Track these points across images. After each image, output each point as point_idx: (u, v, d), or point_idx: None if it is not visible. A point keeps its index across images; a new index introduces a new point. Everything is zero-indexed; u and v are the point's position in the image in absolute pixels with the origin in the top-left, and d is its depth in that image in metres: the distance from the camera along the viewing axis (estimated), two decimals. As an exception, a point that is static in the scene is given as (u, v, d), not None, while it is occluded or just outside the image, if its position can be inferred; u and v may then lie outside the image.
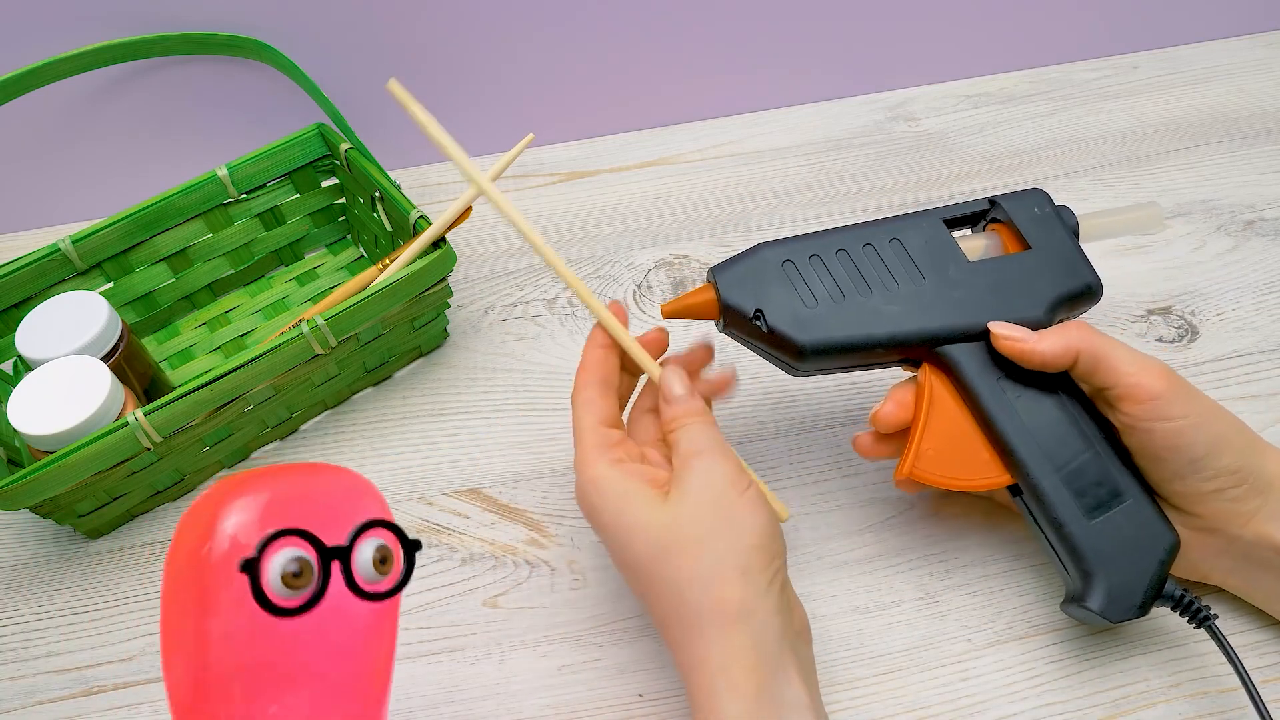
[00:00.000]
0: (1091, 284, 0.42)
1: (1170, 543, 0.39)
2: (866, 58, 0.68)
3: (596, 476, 0.38)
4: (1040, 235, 0.42)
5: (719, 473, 0.37)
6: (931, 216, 0.43)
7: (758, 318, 0.40)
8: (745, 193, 0.64)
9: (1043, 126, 0.67)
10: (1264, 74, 0.69)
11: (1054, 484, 0.39)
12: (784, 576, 0.37)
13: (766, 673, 0.34)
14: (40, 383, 0.44)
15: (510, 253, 0.61)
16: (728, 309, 0.41)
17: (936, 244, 0.42)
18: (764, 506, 0.37)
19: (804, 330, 0.40)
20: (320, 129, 0.57)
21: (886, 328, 0.40)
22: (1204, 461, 0.38)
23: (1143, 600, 0.38)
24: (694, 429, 0.39)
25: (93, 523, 0.48)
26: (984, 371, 0.40)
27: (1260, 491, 0.38)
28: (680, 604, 0.35)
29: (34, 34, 0.55)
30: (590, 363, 0.41)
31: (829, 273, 0.41)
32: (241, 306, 0.59)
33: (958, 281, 0.41)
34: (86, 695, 0.44)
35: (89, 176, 0.63)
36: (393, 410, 0.54)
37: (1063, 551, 0.40)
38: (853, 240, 0.42)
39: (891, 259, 0.41)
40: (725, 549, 0.36)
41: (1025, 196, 0.43)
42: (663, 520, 0.36)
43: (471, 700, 0.43)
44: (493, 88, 0.64)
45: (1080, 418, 0.40)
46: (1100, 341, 0.39)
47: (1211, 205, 0.61)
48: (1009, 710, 0.41)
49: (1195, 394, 0.39)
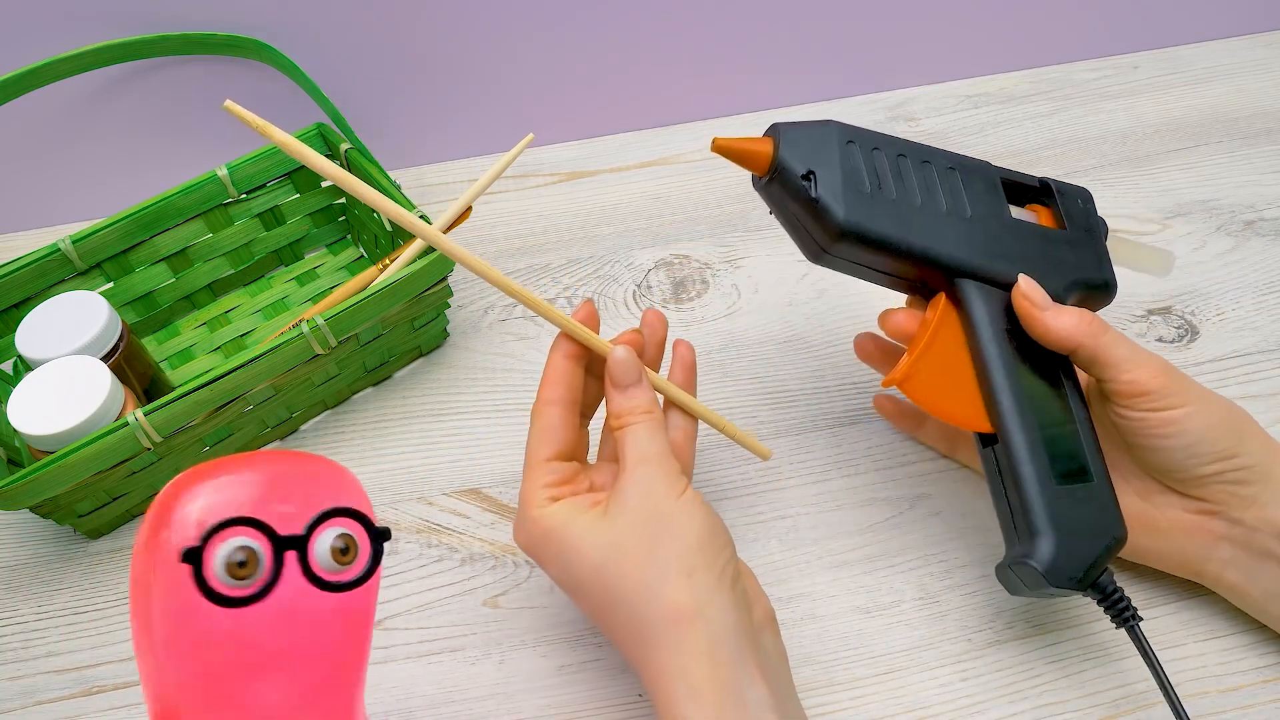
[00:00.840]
0: (1110, 281, 0.43)
1: (1119, 534, 0.39)
2: (866, 58, 0.68)
3: (536, 516, 0.38)
4: (1076, 224, 0.43)
5: (657, 482, 0.37)
6: (990, 169, 0.43)
7: (808, 179, 0.40)
8: (745, 193, 0.64)
9: (1043, 126, 0.67)
10: (1264, 74, 0.69)
11: (1030, 442, 0.39)
12: (734, 571, 0.37)
13: (726, 673, 0.34)
14: (40, 383, 0.44)
15: (510, 253, 0.61)
16: (781, 164, 0.40)
17: (989, 190, 0.42)
18: (700, 508, 0.37)
19: (849, 209, 0.39)
20: (320, 129, 0.56)
21: (926, 240, 0.40)
22: (1197, 447, 0.39)
23: (1082, 575, 0.38)
24: (640, 432, 0.38)
25: (93, 523, 0.48)
26: (995, 320, 0.41)
27: (1260, 477, 0.39)
28: (632, 617, 0.35)
29: (34, 34, 0.55)
30: (554, 376, 0.40)
31: (886, 168, 0.41)
32: (241, 306, 0.59)
33: (998, 228, 0.42)
34: (86, 695, 0.44)
35: (89, 176, 0.63)
36: (393, 410, 0.54)
37: (1019, 509, 0.39)
38: (915, 152, 0.42)
39: (945, 183, 0.42)
40: (667, 555, 0.35)
41: (1075, 190, 0.44)
42: (602, 538, 0.36)
43: (471, 700, 0.43)
44: (493, 88, 0.64)
45: (1068, 394, 0.41)
46: (1105, 339, 0.39)
47: (1211, 205, 0.61)
48: (1009, 710, 0.41)
49: (1191, 385, 0.39)
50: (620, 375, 0.39)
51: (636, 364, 0.39)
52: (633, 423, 0.38)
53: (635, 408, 0.39)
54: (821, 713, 0.41)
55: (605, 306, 0.58)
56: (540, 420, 0.40)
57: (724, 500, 0.48)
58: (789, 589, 0.45)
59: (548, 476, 0.38)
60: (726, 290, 0.58)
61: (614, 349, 0.39)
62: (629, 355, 0.39)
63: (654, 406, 0.39)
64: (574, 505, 0.38)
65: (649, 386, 0.40)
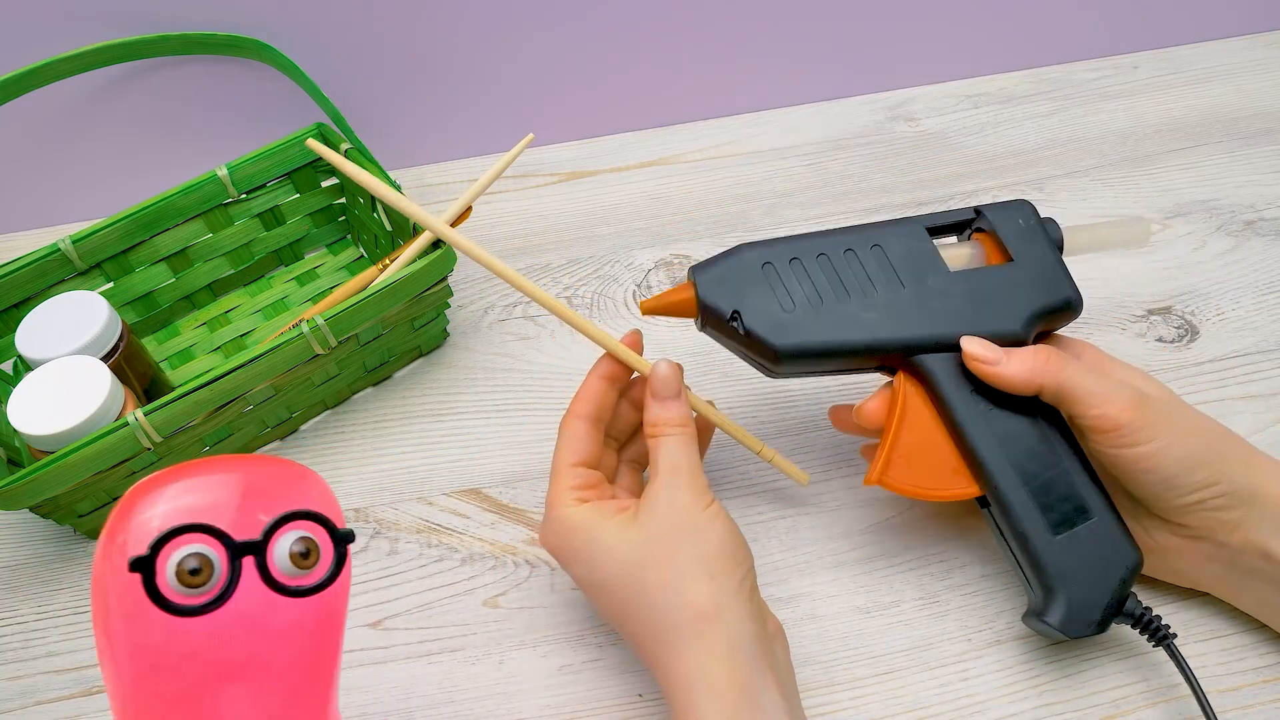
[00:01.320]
0: (1071, 298, 0.41)
1: (1133, 561, 0.39)
2: (866, 58, 0.68)
3: (564, 515, 0.39)
4: (1022, 247, 0.42)
5: (686, 492, 0.38)
6: (915, 224, 0.42)
7: (735, 319, 0.40)
8: (745, 193, 0.64)
9: (1043, 126, 0.67)
10: (1264, 74, 0.69)
11: (1021, 498, 0.39)
12: (752, 583, 0.38)
13: (744, 675, 0.35)
14: (40, 383, 0.44)
15: (510, 253, 0.61)
16: (705, 309, 0.41)
17: (918, 252, 0.42)
18: (725, 519, 0.38)
19: (780, 334, 0.40)
20: (320, 129, 0.56)
21: (863, 334, 0.40)
22: (1175, 480, 0.38)
23: (1101, 617, 0.38)
24: (676, 443, 0.39)
25: (93, 523, 0.48)
26: (958, 383, 0.40)
27: (1243, 501, 0.38)
28: (652, 615, 0.36)
29: (34, 34, 0.55)
30: (587, 394, 0.42)
31: (808, 277, 0.41)
32: (241, 306, 0.59)
33: (937, 291, 0.41)
34: (86, 695, 0.44)
35: (89, 176, 0.63)
36: (393, 410, 0.54)
37: (1026, 565, 0.40)
38: (834, 245, 0.41)
39: (872, 265, 0.41)
40: (690, 558, 0.37)
41: (1010, 208, 0.43)
42: (630, 540, 0.37)
43: (471, 700, 0.43)
44: (493, 88, 0.64)
45: (1051, 434, 0.40)
46: (1066, 374, 0.38)
47: (1211, 205, 0.61)
48: (1009, 710, 0.41)
49: (1164, 416, 0.38)
50: (661, 388, 0.40)
51: (678, 380, 0.41)
52: (668, 434, 0.40)
53: (671, 419, 0.40)
54: (821, 713, 0.41)
55: (605, 306, 0.58)
56: (567, 430, 0.41)
57: (724, 500, 0.48)
58: (789, 589, 0.45)
59: (574, 480, 0.40)
60: (726, 290, 0.58)
61: (658, 364, 0.41)
62: (672, 371, 0.41)
63: (689, 421, 0.40)
64: (601, 508, 0.39)
65: (685, 402, 0.41)
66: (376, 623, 0.45)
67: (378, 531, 0.48)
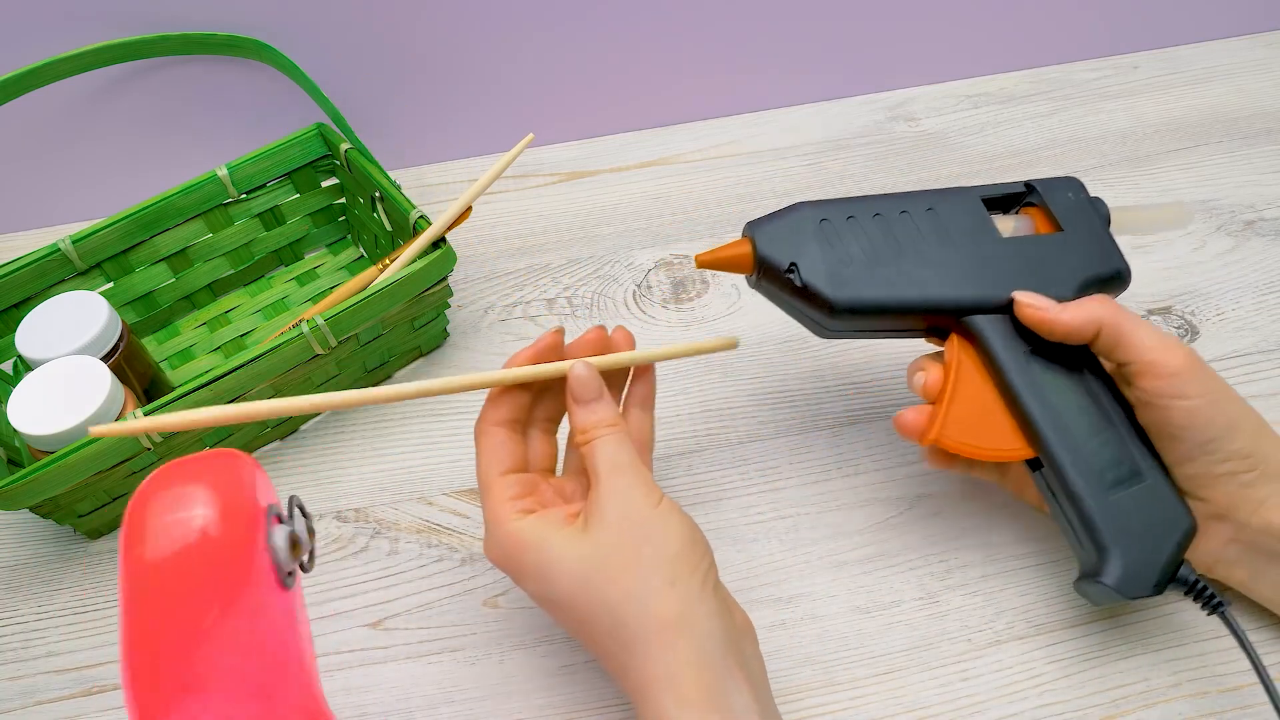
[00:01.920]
0: (1121, 269, 0.42)
1: (1188, 526, 0.39)
2: (866, 58, 0.68)
3: (511, 531, 0.37)
4: (1073, 219, 0.42)
5: (634, 491, 0.37)
6: (969, 192, 0.43)
7: (792, 271, 0.40)
8: (745, 193, 0.64)
9: (1043, 126, 0.67)
10: (1264, 74, 0.69)
11: (1075, 458, 0.39)
12: (715, 578, 0.37)
13: (713, 678, 0.34)
14: (40, 383, 0.44)
15: (510, 253, 0.61)
16: (762, 261, 0.41)
17: (972, 217, 0.42)
18: (678, 515, 0.37)
19: (837, 287, 0.40)
20: (320, 129, 0.57)
21: (918, 292, 0.40)
22: (1216, 443, 0.38)
23: (1158, 579, 0.38)
24: (611, 443, 0.38)
25: (93, 523, 0.48)
26: (1010, 344, 0.40)
27: (1271, 479, 0.38)
28: (616, 627, 0.35)
29: (34, 34, 0.55)
30: (496, 399, 0.40)
31: (865, 234, 0.41)
32: (241, 306, 0.59)
33: (990, 254, 0.41)
34: (86, 695, 0.44)
35: (89, 176, 0.63)
36: (393, 410, 0.54)
37: (1079, 526, 0.39)
38: (890, 206, 0.42)
39: (926, 227, 0.42)
40: (649, 564, 0.35)
41: (1060, 183, 0.43)
42: (584, 551, 0.36)
43: (471, 700, 0.43)
44: (493, 88, 0.64)
45: (1103, 396, 0.40)
46: (1123, 317, 0.39)
47: (1211, 205, 0.61)
48: (1009, 710, 0.41)
49: (1212, 376, 0.39)
50: (581, 391, 0.39)
51: (596, 379, 0.39)
52: (600, 435, 0.38)
53: (600, 421, 0.39)
54: (821, 713, 0.41)
55: (605, 306, 0.58)
56: (485, 440, 0.40)
57: (724, 500, 0.48)
58: (789, 589, 0.45)
59: (509, 490, 0.38)
60: (726, 290, 0.58)
61: (574, 365, 0.39)
62: (588, 371, 0.39)
63: (618, 419, 0.39)
64: (549, 519, 0.37)
65: (611, 400, 0.40)
66: (376, 623, 0.45)
67: (378, 531, 0.48)
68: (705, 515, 0.48)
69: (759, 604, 0.45)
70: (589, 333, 0.42)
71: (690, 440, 0.51)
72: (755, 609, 0.44)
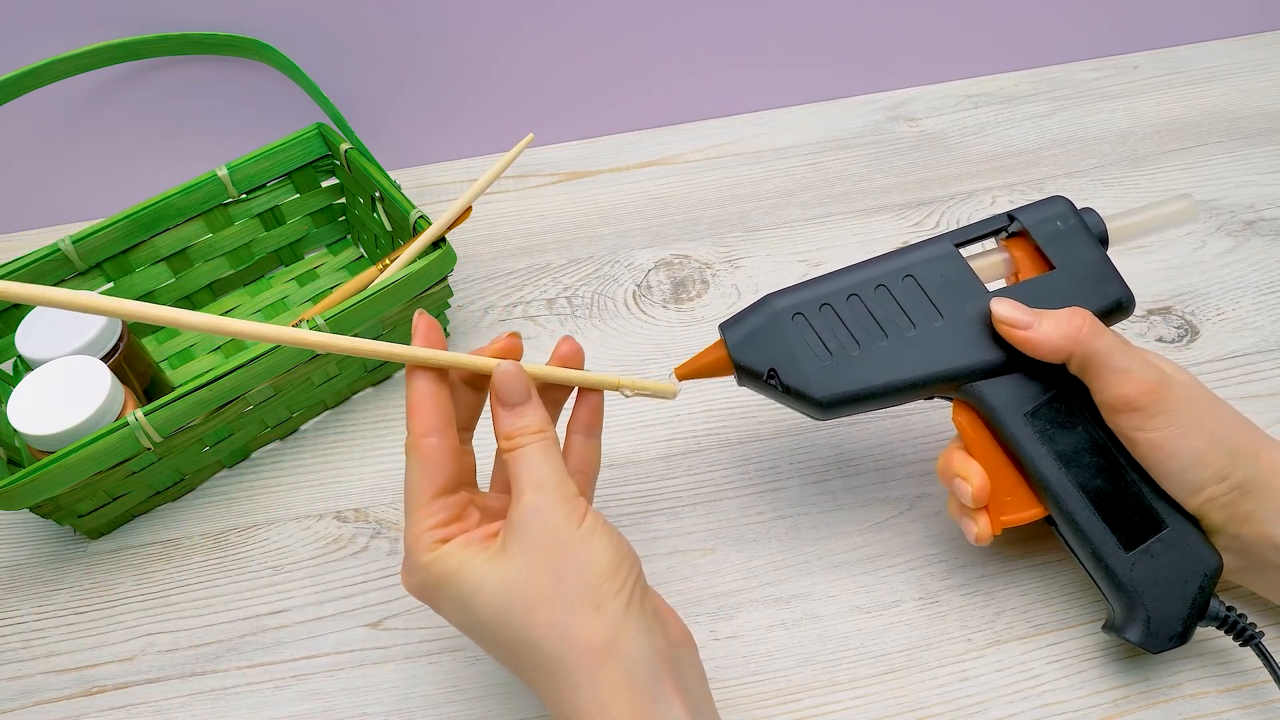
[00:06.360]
0: (1121, 299, 0.40)
1: (1211, 567, 0.38)
2: (866, 58, 0.68)
3: (425, 562, 0.34)
4: (1064, 252, 0.40)
5: (556, 511, 0.34)
6: (944, 244, 0.41)
7: (772, 378, 0.39)
8: (745, 193, 0.64)
9: (1043, 126, 0.67)
10: (1264, 74, 0.69)
11: (1089, 517, 0.39)
12: (641, 592, 0.35)
13: (644, 700, 0.33)
14: (40, 383, 0.44)
15: (510, 253, 0.61)
16: (740, 369, 0.40)
17: (953, 277, 0.40)
18: (602, 533, 0.34)
19: (821, 385, 0.39)
20: (320, 129, 0.57)
21: (906, 373, 0.39)
22: (1186, 474, 0.38)
23: (1182, 629, 0.38)
24: (536, 454, 0.35)
25: (93, 523, 0.48)
26: (1011, 407, 0.39)
27: (1255, 494, 0.38)
28: (541, 658, 0.33)
29: (34, 34, 0.55)
30: (422, 404, 0.35)
31: (841, 321, 0.40)
32: (241, 306, 0.59)
33: (977, 316, 0.40)
34: (86, 695, 0.44)
35: (89, 176, 0.63)
36: (393, 410, 0.54)
37: (1102, 583, 0.39)
38: (864, 283, 0.40)
39: (906, 299, 0.40)
40: (572, 590, 0.33)
41: (1045, 208, 0.41)
42: (501, 578, 0.33)
43: (471, 700, 0.43)
44: (493, 88, 0.64)
45: (1112, 446, 0.39)
46: (1099, 344, 0.38)
47: (1211, 205, 0.61)
48: (1009, 710, 0.41)
49: (1180, 402, 0.38)
50: (507, 393, 0.35)
51: (524, 379, 0.36)
52: (524, 444, 0.35)
53: (526, 428, 0.35)
54: (821, 713, 0.41)
55: (605, 306, 0.58)
56: (418, 455, 0.35)
57: (724, 500, 0.48)
58: (789, 589, 0.45)
59: (435, 516, 0.35)
60: (726, 290, 0.58)
61: (499, 364, 0.36)
62: (516, 370, 0.36)
63: (547, 425, 0.36)
64: (466, 544, 0.34)
65: (540, 404, 0.36)
66: (377, 623, 0.45)
67: (378, 531, 0.48)
68: (705, 515, 0.48)
69: (759, 604, 0.45)
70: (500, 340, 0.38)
71: (690, 440, 0.51)
72: (755, 609, 0.44)
